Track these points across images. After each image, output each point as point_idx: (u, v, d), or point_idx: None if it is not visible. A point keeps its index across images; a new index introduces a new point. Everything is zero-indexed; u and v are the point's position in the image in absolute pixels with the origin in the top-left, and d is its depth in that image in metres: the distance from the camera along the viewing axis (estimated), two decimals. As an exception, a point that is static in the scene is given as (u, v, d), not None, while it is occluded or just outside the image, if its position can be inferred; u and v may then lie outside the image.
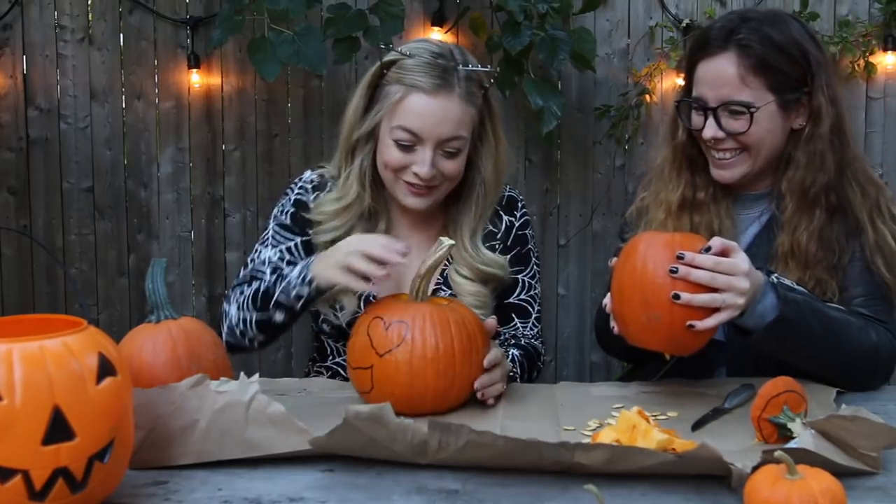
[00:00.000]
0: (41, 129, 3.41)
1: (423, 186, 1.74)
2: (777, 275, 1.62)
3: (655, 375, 1.74)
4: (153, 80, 3.43)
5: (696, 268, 1.43)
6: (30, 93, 3.40)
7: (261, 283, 1.72)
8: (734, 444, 1.32)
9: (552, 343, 3.41)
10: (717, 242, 1.46)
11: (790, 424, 1.29)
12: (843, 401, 1.52)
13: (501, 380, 1.56)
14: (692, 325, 1.43)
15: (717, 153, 1.74)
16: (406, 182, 1.75)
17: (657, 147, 1.94)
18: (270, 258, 1.81)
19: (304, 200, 1.85)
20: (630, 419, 1.29)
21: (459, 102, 1.72)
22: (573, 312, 3.45)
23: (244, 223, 3.48)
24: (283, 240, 1.83)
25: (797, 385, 1.35)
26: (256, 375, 1.28)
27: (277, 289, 1.68)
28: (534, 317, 1.90)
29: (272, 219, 1.88)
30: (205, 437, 1.25)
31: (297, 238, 1.83)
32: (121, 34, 3.40)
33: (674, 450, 1.24)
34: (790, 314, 1.51)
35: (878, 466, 1.22)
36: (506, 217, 1.88)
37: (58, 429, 1.02)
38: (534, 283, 1.91)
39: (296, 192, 1.87)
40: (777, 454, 1.08)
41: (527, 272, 1.90)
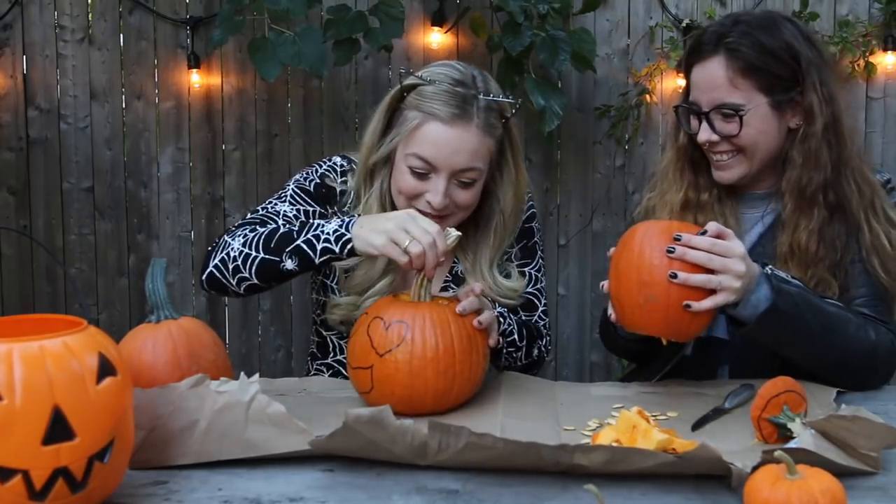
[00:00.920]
0: (41, 129, 3.41)
1: (436, 215, 1.71)
2: (772, 267, 1.63)
3: (658, 374, 1.74)
4: (153, 80, 3.43)
5: (693, 249, 1.44)
6: (30, 93, 3.40)
7: (278, 227, 1.66)
8: (734, 444, 1.32)
9: (552, 343, 3.41)
10: (713, 226, 1.48)
11: (790, 424, 1.29)
12: (843, 401, 1.52)
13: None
14: (688, 305, 1.44)
15: (715, 155, 1.76)
16: (418, 209, 1.70)
17: (663, 148, 1.96)
18: (286, 212, 1.77)
19: (331, 178, 1.83)
20: (630, 419, 1.29)
21: (477, 133, 1.69)
22: (573, 312, 3.45)
23: (244, 223, 3.48)
24: (301, 202, 1.80)
25: (797, 385, 1.35)
26: (256, 375, 1.28)
27: (302, 236, 1.61)
28: (540, 310, 1.90)
29: (292, 182, 1.84)
30: (205, 437, 1.25)
31: (316, 207, 1.80)
32: (121, 34, 3.41)
33: (674, 450, 1.24)
34: (783, 305, 1.51)
35: (878, 466, 1.22)
36: None
37: (58, 429, 1.01)
38: (540, 277, 1.91)
39: (324, 168, 1.85)
40: (777, 454, 1.08)
41: (533, 265, 1.90)
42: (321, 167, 1.85)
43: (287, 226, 1.66)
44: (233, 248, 1.67)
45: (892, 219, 1.74)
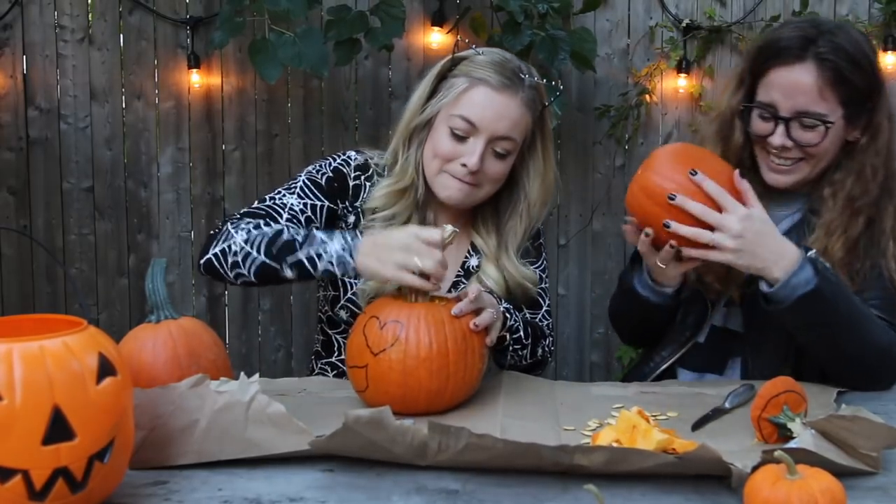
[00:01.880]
0: (41, 129, 3.41)
1: (467, 181, 1.74)
2: (815, 251, 1.60)
3: (670, 359, 1.75)
4: (153, 80, 3.43)
5: (697, 195, 1.49)
6: (30, 93, 3.40)
7: (284, 230, 1.64)
8: (734, 444, 1.32)
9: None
10: (741, 182, 1.53)
11: (790, 424, 1.29)
12: (844, 401, 1.52)
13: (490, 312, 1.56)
14: (675, 248, 1.52)
15: (777, 159, 1.73)
16: (449, 174, 1.75)
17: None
18: (293, 205, 1.76)
19: (344, 173, 1.83)
20: (630, 419, 1.29)
21: (521, 105, 1.74)
22: (573, 312, 3.45)
23: (244, 223, 3.48)
24: (311, 196, 1.79)
25: (797, 385, 1.35)
26: (256, 375, 1.28)
27: (304, 249, 1.60)
28: (544, 309, 1.91)
29: (304, 173, 1.83)
30: (205, 437, 1.25)
31: (325, 202, 1.79)
32: (121, 34, 3.41)
33: (674, 450, 1.24)
34: (825, 291, 1.52)
35: (878, 466, 1.22)
36: None
37: (58, 429, 1.01)
38: (544, 277, 1.93)
39: (338, 162, 1.84)
40: (777, 454, 1.08)
41: (538, 265, 1.91)
42: (335, 160, 1.85)
43: (291, 230, 1.65)
44: (235, 242, 1.65)
45: None
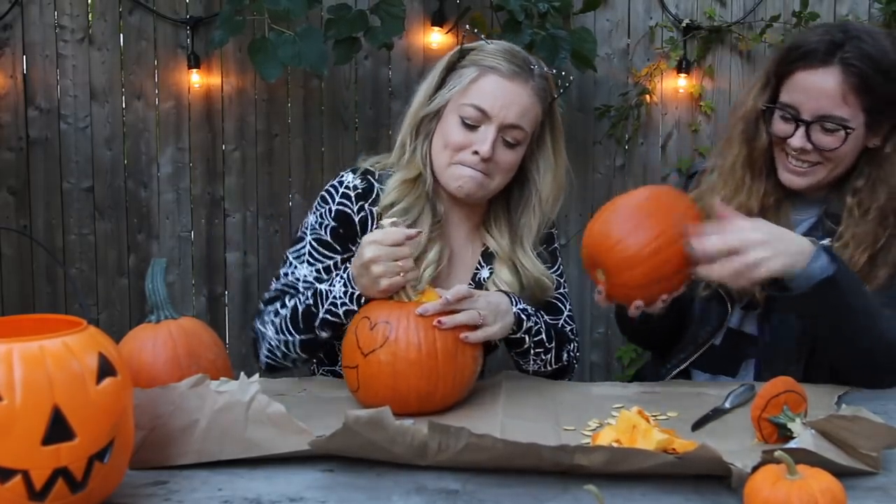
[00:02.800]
0: (41, 129, 3.41)
1: (479, 169, 1.71)
2: (827, 242, 1.59)
3: (686, 361, 1.75)
4: (153, 80, 3.43)
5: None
6: (30, 93, 3.40)
7: (296, 303, 1.66)
8: (734, 444, 1.32)
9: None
10: (725, 208, 1.53)
11: (790, 424, 1.29)
12: (844, 401, 1.52)
13: (468, 317, 1.53)
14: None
15: (795, 161, 1.73)
16: (461, 164, 1.72)
17: (717, 146, 1.92)
18: (306, 277, 1.73)
19: (347, 213, 1.75)
20: (630, 419, 1.29)
21: (531, 94, 1.72)
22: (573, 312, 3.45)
23: (244, 223, 3.48)
24: (322, 258, 1.74)
25: (797, 385, 1.35)
26: (256, 375, 1.28)
27: (321, 309, 1.62)
28: (566, 314, 1.88)
29: (308, 230, 1.77)
30: (205, 437, 1.25)
31: (338, 257, 1.74)
32: (121, 34, 3.41)
33: (674, 450, 1.24)
34: (841, 278, 1.51)
35: (878, 466, 1.22)
36: None
37: (58, 429, 1.01)
38: (562, 282, 1.90)
39: (337, 203, 1.76)
40: (777, 454, 1.08)
41: (555, 269, 1.89)
42: (334, 198, 1.77)
43: (301, 297, 1.66)
44: (270, 339, 1.70)
45: None
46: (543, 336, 1.71)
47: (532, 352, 1.71)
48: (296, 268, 1.75)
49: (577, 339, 1.88)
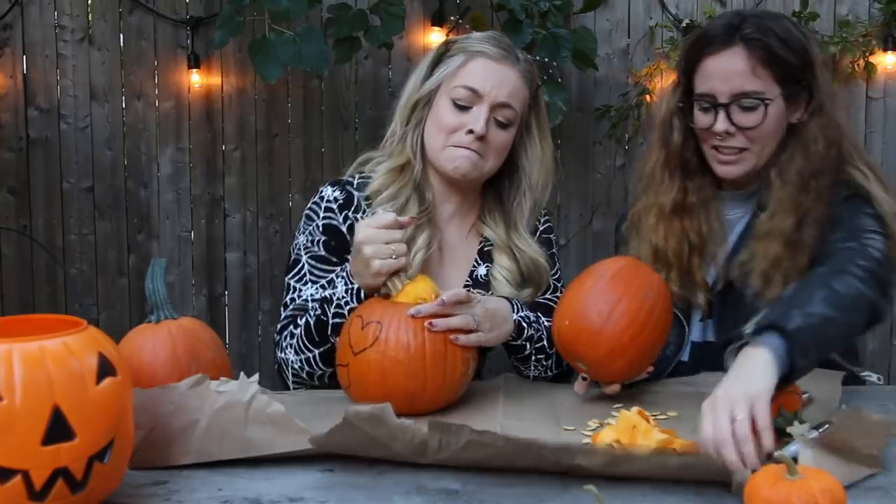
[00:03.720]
0: (41, 129, 3.41)
1: (473, 148, 1.72)
2: (763, 315, 1.39)
3: (656, 380, 1.75)
4: (153, 80, 3.43)
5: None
6: (30, 93, 3.40)
7: (307, 319, 1.66)
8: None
9: (552, 343, 3.41)
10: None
11: (788, 429, 1.28)
12: (844, 401, 1.52)
13: (463, 321, 1.53)
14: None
15: (722, 151, 1.73)
16: (455, 145, 1.73)
17: (645, 153, 1.93)
18: (314, 296, 1.73)
19: (334, 226, 1.77)
20: (630, 419, 1.29)
21: (519, 76, 1.76)
22: (573, 312, 3.44)
23: (244, 223, 3.48)
24: (323, 273, 1.75)
25: (794, 385, 1.35)
26: (256, 375, 1.28)
27: (329, 315, 1.62)
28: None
29: (302, 250, 1.77)
30: (205, 437, 1.25)
31: (337, 269, 1.72)
32: (121, 34, 3.41)
33: (674, 450, 1.24)
34: (808, 345, 1.32)
35: (879, 465, 1.22)
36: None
37: (58, 429, 1.01)
38: (559, 286, 1.90)
39: (322, 218, 1.78)
40: (777, 454, 1.08)
41: (553, 274, 1.89)
42: (319, 216, 1.79)
43: (313, 313, 1.66)
44: (293, 361, 1.69)
45: None
46: (545, 342, 1.72)
47: (533, 358, 1.72)
48: (300, 291, 1.75)
49: None
